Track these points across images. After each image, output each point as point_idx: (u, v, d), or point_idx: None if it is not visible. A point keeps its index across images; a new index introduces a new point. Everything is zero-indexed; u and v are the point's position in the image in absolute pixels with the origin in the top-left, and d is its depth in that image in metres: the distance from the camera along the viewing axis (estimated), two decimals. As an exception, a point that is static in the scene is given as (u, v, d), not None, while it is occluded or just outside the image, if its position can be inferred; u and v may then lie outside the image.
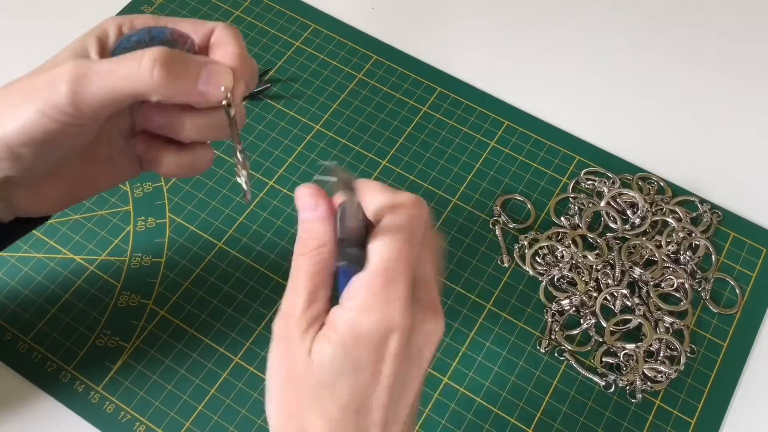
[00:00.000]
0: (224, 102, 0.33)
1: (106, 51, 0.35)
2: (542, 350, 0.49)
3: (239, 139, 0.35)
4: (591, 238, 0.53)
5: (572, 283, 0.51)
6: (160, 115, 0.36)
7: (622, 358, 0.49)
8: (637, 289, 0.51)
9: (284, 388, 0.34)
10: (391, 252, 0.32)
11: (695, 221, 0.54)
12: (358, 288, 0.32)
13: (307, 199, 0.34)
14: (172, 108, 0.35)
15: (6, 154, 0.33)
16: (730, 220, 0.55)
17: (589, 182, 0.56)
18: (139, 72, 0.32)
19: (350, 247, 0.33)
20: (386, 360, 0.32)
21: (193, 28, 0.36)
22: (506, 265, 0.52)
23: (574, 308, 0.50)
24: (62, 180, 0.37)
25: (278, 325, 0.34)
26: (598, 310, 0.50)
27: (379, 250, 0.32)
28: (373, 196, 0.33)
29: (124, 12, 0.63)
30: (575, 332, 0.50)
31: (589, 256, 0.52)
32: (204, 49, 0.36)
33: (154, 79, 0.32)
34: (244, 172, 0.35)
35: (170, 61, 0.32)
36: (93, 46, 0.35)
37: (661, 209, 0.54)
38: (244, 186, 0.35)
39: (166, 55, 0.32)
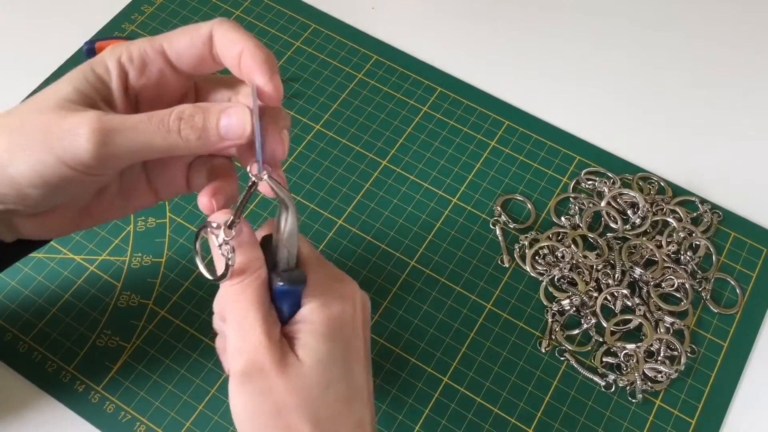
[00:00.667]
0: (252, 179, 0.32)
1: (107, 88, 0.33)
2: (543, 350, 0.49)
3: (242, 213, 0.32)
4: (591, 238, 0.53)
5: (572, 283, 0.51)
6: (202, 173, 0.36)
7: (622, 358, 0.49)
8: (637, 289, 0.51)
9: (270, 426, 0.32)
10: (308, 247, 0.35)
11: (696, 221, 0.54)
12: (310, 286, 0.33)
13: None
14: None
15: (13, 192, 0.32)
16: (730, 220, 0.55)
17: (590, 182, 0.56)
18: (168, 132, 0.31)
19: (283, 269, 0.33)
20: (358, 333, 0.34)
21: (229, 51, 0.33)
22: (506, 265, 0.52)
23: (574, 308, 0.50)
24: (68, 211, 0.36)
25: (241, 364, 0.31)
26: (598, 310, 0.50)
27: (309, 264, 0.34)
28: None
29: (124, 12, 0.63)
30: (576, 332, 0.50)
31: (590, 256, 0.52)
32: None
33: (184, 141, 0.31)
34: (226, 247, 0.32)
35: (191, 117, 0.32)
36: (93, 84, 0.33)
37: (662, 209, 0.54)
38: (221, 262, 0.32)
39: (187, 112, 0.32)
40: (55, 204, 0.35)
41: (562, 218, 0.54)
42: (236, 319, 0.32)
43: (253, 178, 0.32)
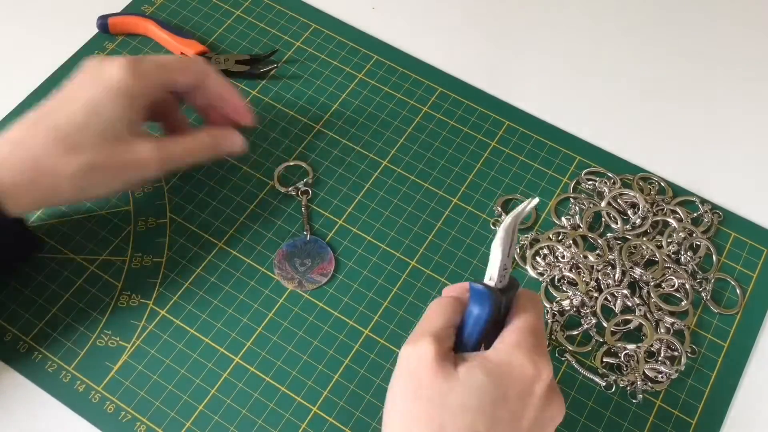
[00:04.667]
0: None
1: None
2: (543, 350, 0.49)
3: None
4: (591, 238, 0.53)
5: (573, 284, 0.51)
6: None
7: (622, 359, 0.49)
8: (637, 290, 0.51)
9: (412, 404, 0.36)
10: (534, 315, 0.37)
11: (696, 221, 0.54)
12: (511, 333, 0.36)
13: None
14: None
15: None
16: (730, 220, 0.55)
17: (590, 182, 0.56)
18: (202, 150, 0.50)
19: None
20: (528, 405, 0.35)
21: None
22: (507, 265, 0.52)
23: (574, 308, 0.50)
24: None
25: (409, 340, 0.37)
26: (598, 311, 0.50)
27: (525, 310, 0.37)
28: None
29: (124, 11, 0.62)
30: (576, 332, 0.50)
31: (590, 257, 0.52)
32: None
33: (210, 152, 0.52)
34: None
35: None
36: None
37: (662, 209, 0.54)
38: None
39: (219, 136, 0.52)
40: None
41: (563, 218, 0.54)
42: (429, 308, 0.39)
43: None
